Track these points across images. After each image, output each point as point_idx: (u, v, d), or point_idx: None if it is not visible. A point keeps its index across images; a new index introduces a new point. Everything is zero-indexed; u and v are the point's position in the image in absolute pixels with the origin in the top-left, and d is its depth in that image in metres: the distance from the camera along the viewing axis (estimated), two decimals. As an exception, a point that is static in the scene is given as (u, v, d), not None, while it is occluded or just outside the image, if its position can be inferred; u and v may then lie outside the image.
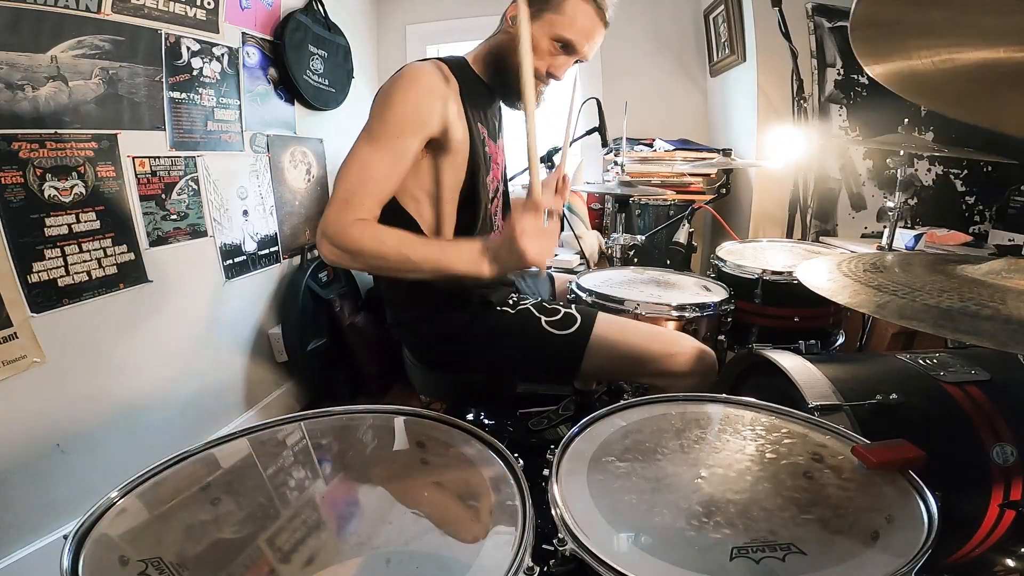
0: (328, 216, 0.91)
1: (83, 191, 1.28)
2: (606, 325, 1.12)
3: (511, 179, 1.87)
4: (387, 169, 0.95)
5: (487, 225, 1.16)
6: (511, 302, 1.16)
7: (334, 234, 0.90)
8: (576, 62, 1.08)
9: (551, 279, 1.52)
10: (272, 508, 0.61)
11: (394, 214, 1.02)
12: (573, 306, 1.16)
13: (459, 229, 1.11)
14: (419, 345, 1.21)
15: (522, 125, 0.89)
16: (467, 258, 0.91)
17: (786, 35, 1.83)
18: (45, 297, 1.21)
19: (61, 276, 1.24)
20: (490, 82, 1.12)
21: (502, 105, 1.20)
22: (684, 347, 1.10)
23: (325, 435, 0.78)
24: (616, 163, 1.92)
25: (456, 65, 1.07)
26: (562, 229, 2.19)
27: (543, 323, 1.11)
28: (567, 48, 1.03)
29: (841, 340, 1.50)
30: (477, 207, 1.10)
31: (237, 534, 0.57)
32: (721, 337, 1.35)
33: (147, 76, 1.43)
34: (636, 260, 1.81)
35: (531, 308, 1.14)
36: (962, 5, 0.64)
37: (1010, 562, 0.80)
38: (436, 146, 1.02)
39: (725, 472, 0.67)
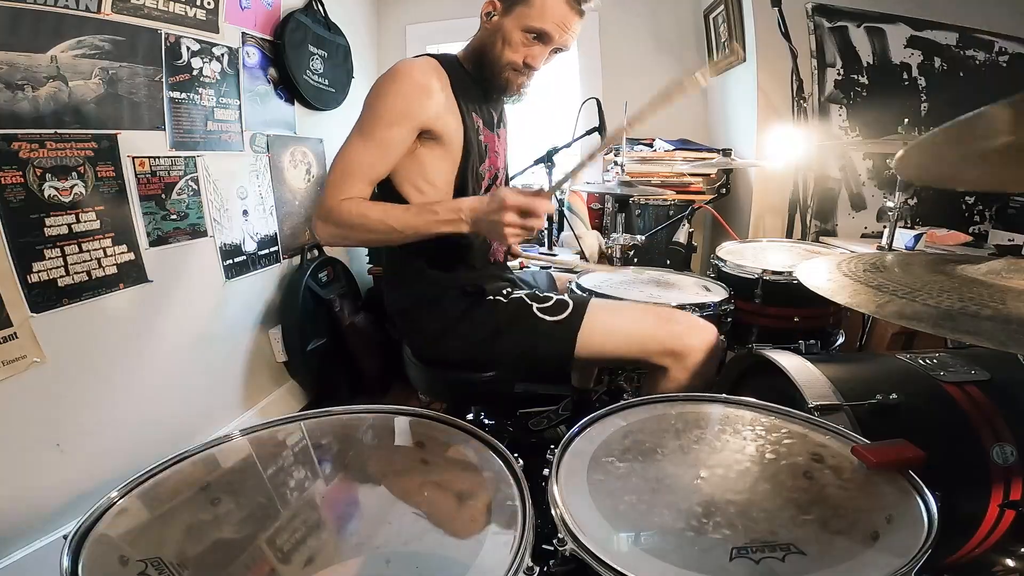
0: (321, 199, 1.03)
1: (83, 191, 1.28)
2: (600, 308, 1.12)
3: (513, 177, 1.87)
4: (375, 157, 1.03)
5: None
6: (504, 292, 1.17)
7: (326, 214, 1.01)
8: (556, 51, 1.10)
9: (550, 279, 1.52)
10: (272, 508, 0.62)
11: (394, 200, 1.08)
12: (567, 294, 1.16)
13: None
14: (415, 334, 1.21)
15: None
16: (445, 215, 0.99)
17: (786, 35, 1.83)
18: (45, 297, 1.21)
19: (61, 276, 1.24)
20: (475, 76, 1.14)
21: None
22: (682, 321, 1.10)
23: (325, 435, 0.78)
24: (616, 163, 1.92)
25: (447, 61, 1.12)
26: (561, 229, 2.19)
27: (535, 309, 1.12)
28: (540, 38, 1.05)
29: (841, 340, 1.50)
30: (466, 193, 1.12)
31: (237, 534, 0.57)
32: (721, 337, 1.35)
33: (147, 76, 1.43)
34: (636, 260, 1.81)
35: (524, 297, 1.15)
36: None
37: (1010, 562, 0.80)
38: (429, 137, 1.07)
39: (725, 472, 0.67)
